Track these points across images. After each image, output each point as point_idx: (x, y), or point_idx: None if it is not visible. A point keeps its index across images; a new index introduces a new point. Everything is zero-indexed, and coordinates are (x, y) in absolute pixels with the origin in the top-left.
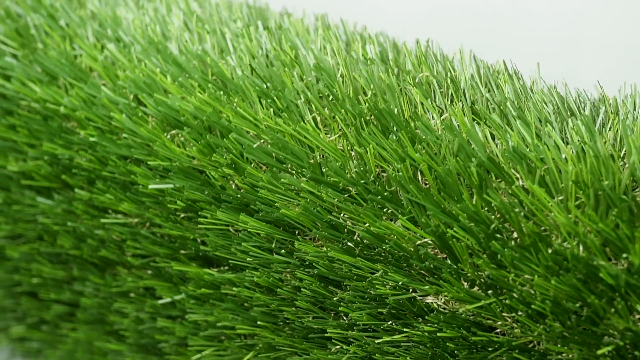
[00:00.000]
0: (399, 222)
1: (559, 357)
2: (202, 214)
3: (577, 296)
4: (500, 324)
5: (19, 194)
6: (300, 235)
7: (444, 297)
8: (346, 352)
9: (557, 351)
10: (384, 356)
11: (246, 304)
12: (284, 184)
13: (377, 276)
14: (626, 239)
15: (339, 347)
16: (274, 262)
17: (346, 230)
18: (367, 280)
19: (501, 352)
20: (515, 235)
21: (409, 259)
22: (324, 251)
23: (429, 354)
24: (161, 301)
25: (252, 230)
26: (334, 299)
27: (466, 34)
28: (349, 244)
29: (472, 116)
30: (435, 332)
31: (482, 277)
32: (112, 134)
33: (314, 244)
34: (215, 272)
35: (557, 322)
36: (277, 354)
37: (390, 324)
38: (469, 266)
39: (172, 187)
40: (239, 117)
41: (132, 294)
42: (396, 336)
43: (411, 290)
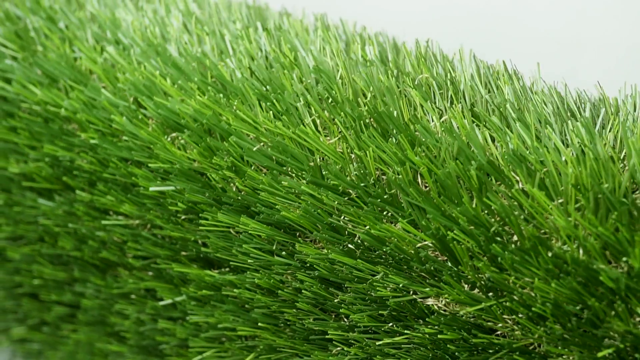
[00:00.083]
0: (399, 225)
1: (560, 359)
2: (203, 215)
3: (577, 299)
4: (500, 326)
5: (20, 195)
6: (301, 237)
7: (445, 299)
8: (347, 354)
9: (558, 353)
10: (385, 358)
11: (247, 305)
12: (284, 187)
13: (377, 278)
14: (626, 242)
15: (339, 349)
16: (274, 264)
17: (347, 232)
18: (367, 282)
19: (502, 354)
20: (515, 238)
21: (409, 261)
22: (325, 253)
23: (430, 355)
24: (162, 303)
25: (253, 232)
26: (335, 300)
27: (466, 34)
28: (350, 246)
29: (471, 118)
30: (436, 334)
31: (482, 280)
32: (113, 136)
33: (315, 246)
34: (216, 273)
35: (557, 324)
36: (278, 356)
37: (391, 326)
38: (470, 268)
39: (173, 189)
40: (239, 120)
41: (133, 296)
42: (397, 338)
43: (412, 292)
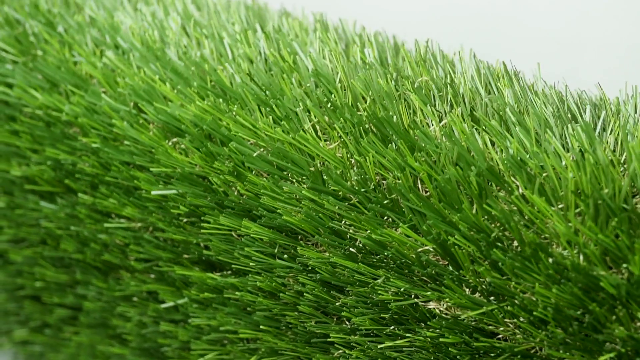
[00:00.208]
0: (400, 230)
1: None
2: (205, 219)
3: (578, 304)
4: (502, 330)
5: (23, 198)
6: (302, 240)
7: (446, 303)
8: (349, 357)
9: (559, 357)
10: None
11: (249, 308)
12: (285, 192)
13: (379, 282)
14: (626, 248)
15: (341, 352)
16: (276, 267)
17: (348, 236)
18: (369, 285)
19: (503, 358)
20: (515, 244)
21: (410, 265)
22: (327, 257)
23: (432, 359)
24: (164, 305)
25: (254, 235)
26: (337, 303)
27: (466, 34)
28: (351, 250)
29: (471, 123)
30: (437, 337)
31: (483, 284)
32: (114, 140)
33: (317, 249)
34: (218, 276)
35: (559, 328)
36: (279, 359)
37: (392, 329)
38: (471, 273)
39: (175, 193)
40: (239, 125)
41: (135, 298)
42: (399, 341)
43: (413, 296)
